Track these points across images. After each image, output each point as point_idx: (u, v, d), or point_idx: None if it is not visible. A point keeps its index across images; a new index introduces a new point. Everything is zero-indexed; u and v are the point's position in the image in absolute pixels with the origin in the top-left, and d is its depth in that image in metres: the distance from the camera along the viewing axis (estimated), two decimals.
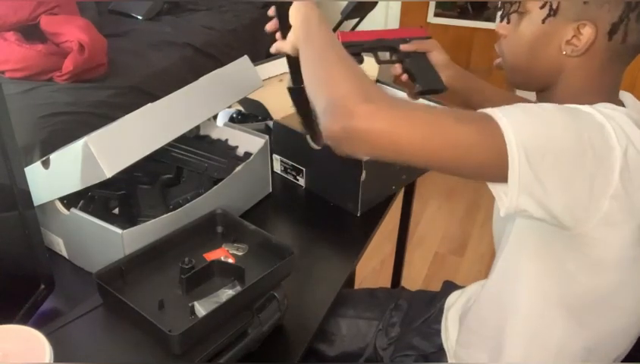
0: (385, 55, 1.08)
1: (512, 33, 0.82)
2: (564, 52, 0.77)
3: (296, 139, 1.21)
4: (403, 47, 1.04)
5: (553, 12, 0.76)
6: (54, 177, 0.93)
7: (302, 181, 1.27)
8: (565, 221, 0.68)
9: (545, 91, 0.83)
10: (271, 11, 0.89)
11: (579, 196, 0.66)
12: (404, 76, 1.04)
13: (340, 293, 1.00)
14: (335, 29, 1.20)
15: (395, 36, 1.07)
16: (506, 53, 0.85)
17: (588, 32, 0.74)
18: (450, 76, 1.03)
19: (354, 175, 1.14)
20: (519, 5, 0.80)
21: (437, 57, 1.03)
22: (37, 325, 0.70)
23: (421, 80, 1.02)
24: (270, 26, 0.90)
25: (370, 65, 1.54)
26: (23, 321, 0.81)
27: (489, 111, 0.67)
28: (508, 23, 0.83)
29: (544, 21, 0.77)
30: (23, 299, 0.84)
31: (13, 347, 0.63)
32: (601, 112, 0.68)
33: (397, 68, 1.05)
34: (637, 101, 0.82)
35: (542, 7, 0.77)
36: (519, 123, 0.65)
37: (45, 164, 0.93)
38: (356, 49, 1.04)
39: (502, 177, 0.65)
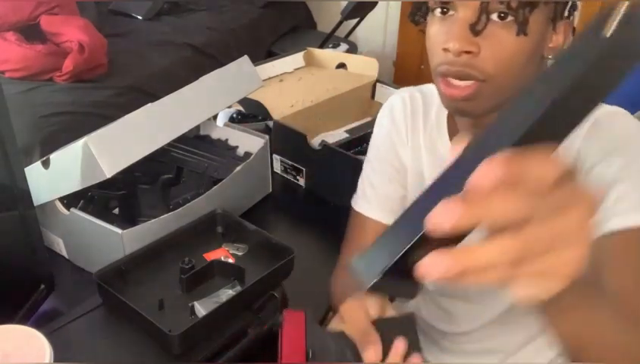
0: None
1: (499, 45, 0.63)
2: (550, 57, 0.66)
3: (296, 139, 1.21)
4: None
5: (561, 14, 0.65)
6: (54, 177, 0.93)
7: (302, 181, 1.27)
8: None
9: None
10: None
11: None
12: None
13: None
14: (335, 29, 1.21)
15: None
16: (492, 71, 0.64)
17: (566, 27, 0.66)
18: None
19: (354, 175, 1.13)
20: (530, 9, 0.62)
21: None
22: (37, 325, 0.70)
23: None
24: None
25: (370, 64, 1.55)
26: (23, 321, 0.81)
27: None
28: (476, 35, 0.63)
29: (555, 28, 0.65)
30: (23, 299, 0.84)
31: (13, 347, 0.62)
32: None
33: None
34: None
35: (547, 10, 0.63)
36: None
37: (45, 164, 0.93)
38: None
39: None
